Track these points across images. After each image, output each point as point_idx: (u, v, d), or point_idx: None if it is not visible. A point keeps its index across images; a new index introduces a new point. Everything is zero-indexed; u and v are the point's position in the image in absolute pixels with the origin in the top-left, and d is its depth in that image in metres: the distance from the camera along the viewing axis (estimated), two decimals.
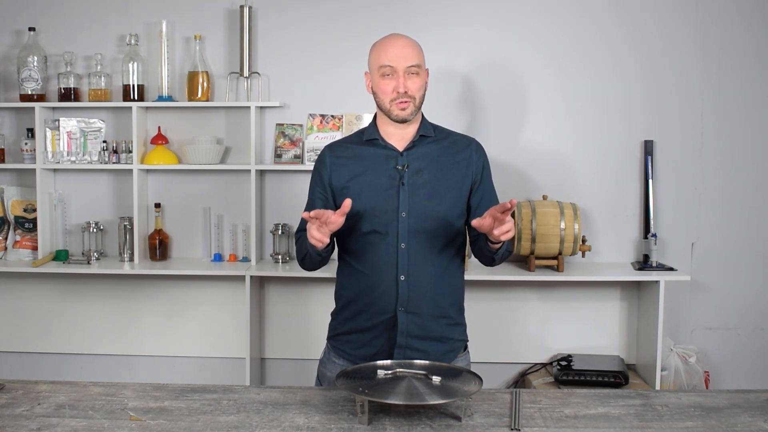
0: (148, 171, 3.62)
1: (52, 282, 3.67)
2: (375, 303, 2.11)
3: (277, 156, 3.56)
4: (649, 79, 3.51)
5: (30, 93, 3.50)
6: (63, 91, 3.53)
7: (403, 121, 2.11)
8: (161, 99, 3.51)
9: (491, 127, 3.52)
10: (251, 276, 3.38)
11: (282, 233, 3.55)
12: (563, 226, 3.30)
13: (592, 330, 3.57)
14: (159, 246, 3.56)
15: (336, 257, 2.24)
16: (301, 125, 3.58)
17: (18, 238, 3.62)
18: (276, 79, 3.58)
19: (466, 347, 2.24)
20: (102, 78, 3.54)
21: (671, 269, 3.37)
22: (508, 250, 2.12)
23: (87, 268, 3.45)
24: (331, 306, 2.26)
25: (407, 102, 2.08)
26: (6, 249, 3.63)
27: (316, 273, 2.47)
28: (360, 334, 2.15)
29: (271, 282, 3.62)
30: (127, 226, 3.55)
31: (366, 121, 3.21)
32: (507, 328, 3.59)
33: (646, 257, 3.45)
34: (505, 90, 3.54)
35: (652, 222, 3.49)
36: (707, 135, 3.53)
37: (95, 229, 3.58)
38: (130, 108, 3.49)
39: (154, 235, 3.57)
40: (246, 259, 3.60)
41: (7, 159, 3.62)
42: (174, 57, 3.58)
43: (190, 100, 3.52)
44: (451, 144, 2.18)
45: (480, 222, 1.92)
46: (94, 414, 1.78)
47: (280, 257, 3.54)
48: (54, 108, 3.58)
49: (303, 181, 3.32)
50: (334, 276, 2.29)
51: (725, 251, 3.56)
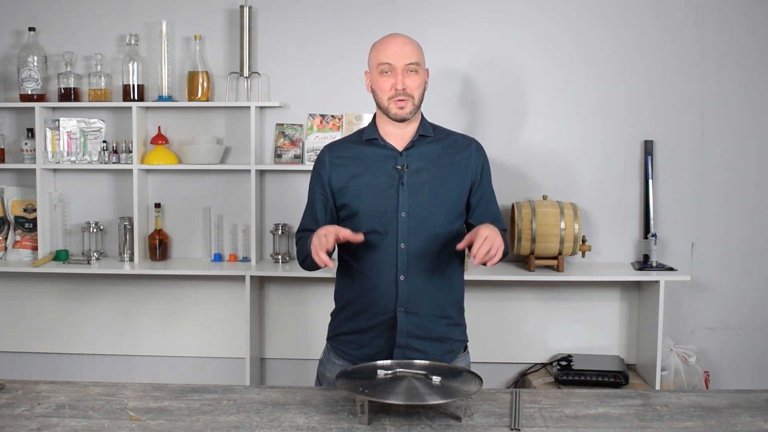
0: (148, 171, 3.62)
1: (52, 282, 3.67)
2: (375, 303, 2.11)
3: (277, 156, 3.56)
4: (650, 79, 3.51)
5: (30, 93, 3.50)
6: (63, 91, 3.53)
7: (402, 120, 2.10)
8: (161, 99, 3.51)
9: (491, 127, 3.52)
10: (251, 276, 3.38)
11: (282, 233, 3.55)
12: (563, 226, 3.30)
13: (592, 330, 3.57)
14: (159, 246, 3.56)
15: (336, 257, 2.24)
16: (301, 125, 3.58)
17: (18, 238, 3.62)
18: (276, 79, 3.58)
19: (466, 347, 2.24)
20: (102, 78, 3.54)
21: (671, 269, 3.36)
22: (505, 249, 2.11)
23: (87, 268, 3.45)
24: (331, 306, 2.26)
25: (405, 100, 2.08)
26: (6, 249, 3.63)
27: (316, 273, 2.47)
28: (360, 334, 2.15)
29: (271, 282, 3.62)
30: (127, 226, 3.55)
31: (366, 121, 3.21)
32: (507, 328, 3.59)
33: (646, 257, 3.45)
34: (505, 90, 3.54)
35: (652, 222, 3.49)
36: (707, 135, 3.53)
37: (95, 229, 3.58)
38: (130, 108, 3.49)
39: (154, 235, 3.57)
40: (246, 259, 3.60)
41: (7, 159, 3.62)
42: (174, 57, 3.58)
43: (190, 100, 3.52)
44: (451, 144, 2.18)
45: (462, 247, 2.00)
46: (94, 414, 1.78)
47: (280, 257, 3.54)
48: (54, 108, 3.58)
49: (303, 181, 3.32)
50: (334, 276, 2.28)
51: (725, 251, 3.56)
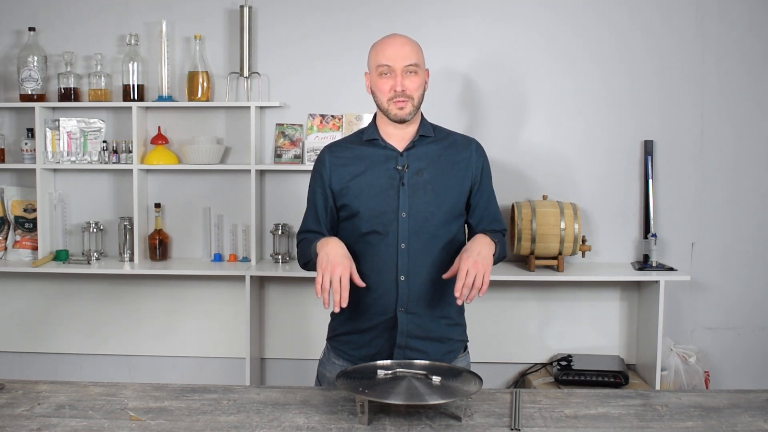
0: (148, 171, 3.62)
1: (52, 282, 3.67)
2: (375, 303, 2.10)
3: (277, 156, 3.56)
4: (650, 79, 3.51)
5: (30, 93, 3.50)
6: (63, 91, 3.53)
7: (402, 121, 2.10)
8: (161, 99, 3.51)
9: (491, 127, 3.52)
10: (251, 276, 3.38)
11: (282, 233, 3.55)
12: (563, 226, 3.30)
13: (592, 330, 3.57)
14: (159, 246, 3.56)
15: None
16: (301, 125, 3.58)
17: (18, 238, 3.62)
18: (276, 79, 3.58)
19: (466, 347, 2.24)
20: (102, 78, 3.54)
21: (671, 269, 3.36)
22: (502, 254, 2.11)
23: (87, 268, 3.45)
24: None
25: (405, 101, 2.07)
26: (6, 249, 3.63)
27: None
28: (360, 334, 2.15)
29: (271, 282, 3.62)
30: (127, 226, 3.55)
31: (366, 121, 3.21)
32: (507, 328, 3.59)
33: (646, 257, 3.45)
34: (505, 90, 3.54)
35: (652, 222, 3.49)
36: (707, 135, 3.53)
37: (95, 229, 3.58)
38: (130, 108, 3.49)
39: (154, 235, 3.57)
40: (246, 259, 3.60)
41: (7, 159, 3.62)
42: (174, 57, 3.58)
43: (190, 100, 3.52)
44: (451, 144, 2.17)
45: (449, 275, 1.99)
46: (94, 414, 1.78)
47: (280, 257, 3.54)
48: (54, 108, 3.58)
49: (303, 181, 3.33)
50: None
51: (725, 251, 3.56)
